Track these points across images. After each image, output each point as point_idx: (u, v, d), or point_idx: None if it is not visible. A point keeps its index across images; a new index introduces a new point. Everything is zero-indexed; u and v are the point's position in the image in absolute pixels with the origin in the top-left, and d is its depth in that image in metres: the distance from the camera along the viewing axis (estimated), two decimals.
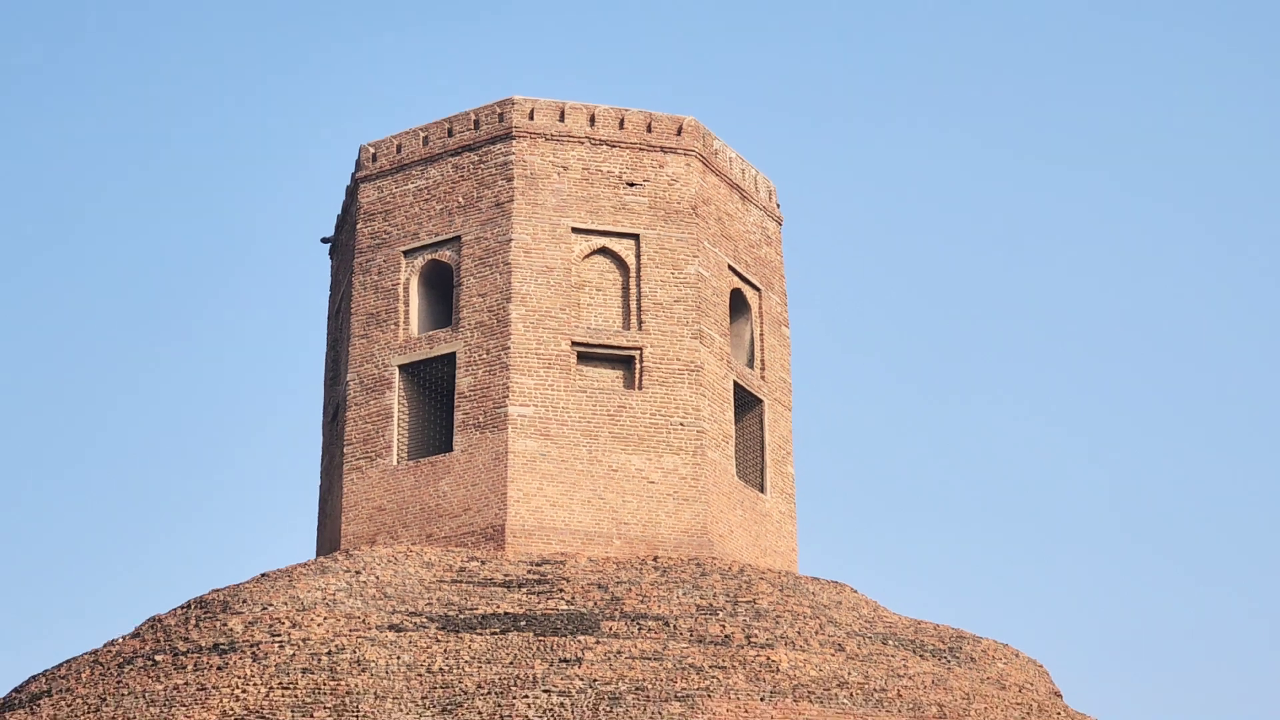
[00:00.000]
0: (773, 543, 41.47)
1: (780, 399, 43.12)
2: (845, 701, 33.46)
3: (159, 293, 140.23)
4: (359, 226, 42.30)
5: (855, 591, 39.36)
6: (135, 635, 38.13)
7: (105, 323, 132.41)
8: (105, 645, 38.32)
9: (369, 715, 31.28)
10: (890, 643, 36.94)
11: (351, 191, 43.11)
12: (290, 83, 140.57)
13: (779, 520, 41.90)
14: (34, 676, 38.99)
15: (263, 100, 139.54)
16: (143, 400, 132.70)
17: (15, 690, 38.87)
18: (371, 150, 43.12)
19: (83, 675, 36.86)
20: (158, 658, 35.90)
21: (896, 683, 34.73)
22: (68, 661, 38.56)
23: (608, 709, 30.90)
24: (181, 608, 38.50)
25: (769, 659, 33.78)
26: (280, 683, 32.52)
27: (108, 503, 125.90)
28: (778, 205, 44.75)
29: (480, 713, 30.97)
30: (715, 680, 32.31)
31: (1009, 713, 36.01)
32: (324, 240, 45.30)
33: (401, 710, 31.50)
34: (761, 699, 32.02)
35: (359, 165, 43.08)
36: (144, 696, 33.99)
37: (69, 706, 35.47)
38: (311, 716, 31.18)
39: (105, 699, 34.79)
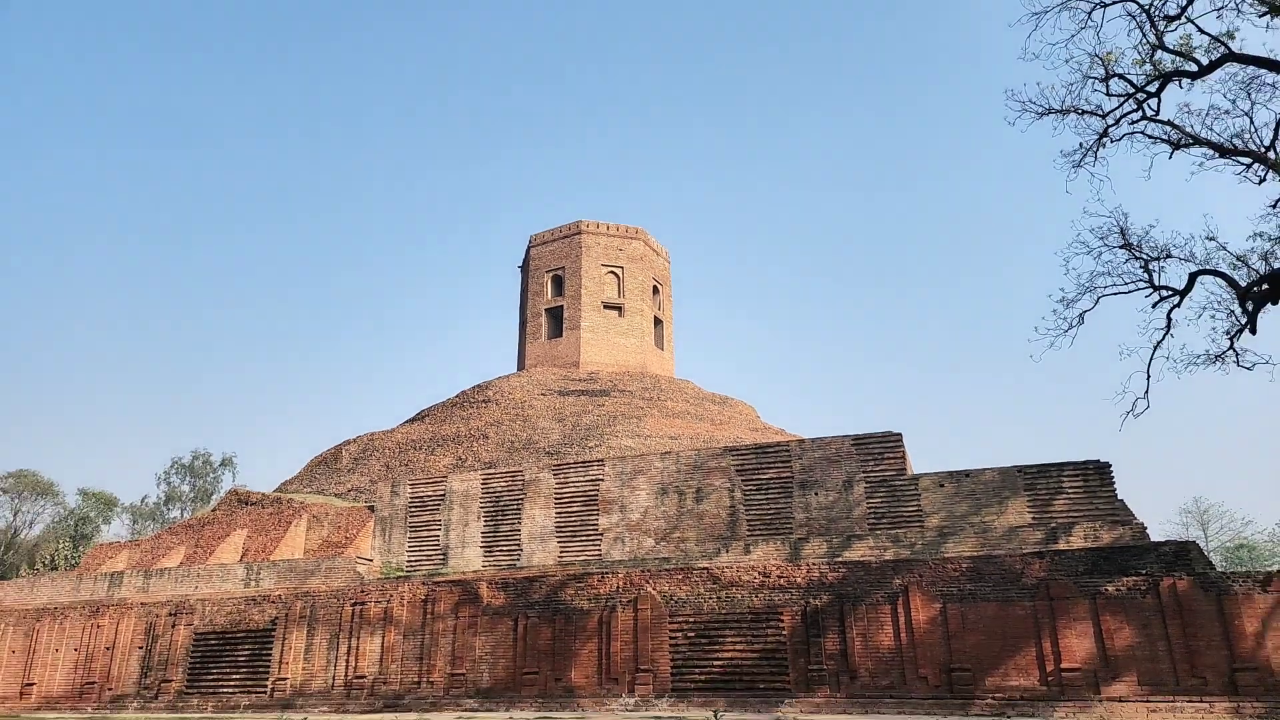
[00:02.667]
0: (666, 367, 43.06)
1: (668, 319, 44.45)
2: (690, 419, 33.77)
3: (462, 282, 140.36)
4: (530, 262, 43.73)
5: (693, 383, 40.12)
6: (456, 396, 38.62)
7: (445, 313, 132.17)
8: (444, 400, 39.02)
9: (533, 420, 32.59)
10: (704, 401, 36.83)
11: (527, 250, 44.29)
12: (493, 197, 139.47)
13: (667, 359, 43.60)
14: (418, 411, 39.35)
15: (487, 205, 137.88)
16: (461, 328, 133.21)
17: (415, 414, 39.02)
18: (534, 236, 44.02)
19: (436, 410, 37.75)
20: (465, 404, 36.88)
21: (706, 412, 35.04)
22: (431, 406, 38.77)
23: (611, 421, 31.68)
24: (472, 388, 38.97)
25: (667, 404, 35.05)
26: (504, 412, 34.09)
27: (453, 363, 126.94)
28: (669, 256, 45.74)
29: (570, 422, 32.12)
30: (647, 412, 33.37)
31: (741, 422, 35.32)
32: (519, 266, 45.65)
33: (544, 420, 32.90)
34: (663, 419, 32.96)
35: (531, 241, 44.05)
36: (459, 417, 35.26)
37: (433, 419, 36.18)
38: (515, 423, 32.81)
39: (445, 419, 36.12)
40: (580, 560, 21.85)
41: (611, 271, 40.96)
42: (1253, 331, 14.82)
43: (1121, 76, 14.93)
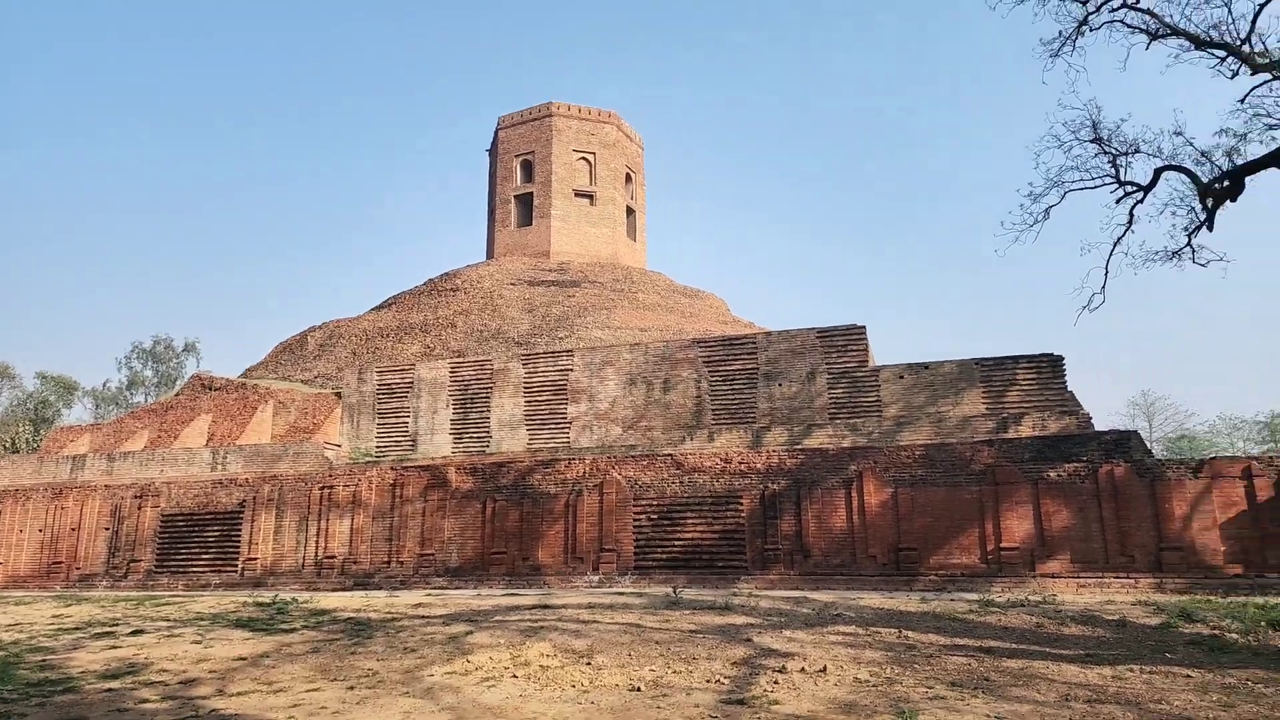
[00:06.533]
0: (637, 259, 42.46)
1: (641, 210, 43.56)
2: (661, 311, 33.64)
3: (430, 169, 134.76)
4: (499, 145, 42.13)
5: (665, 276, 39.65)
6: (424, 285, 37.87)
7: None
8: (411, 288, 38.17)
9: (502, 310, 32.17)
10: (674, 294, 36.98)
11: (496, 133, 42.55)
12: (465, 82, 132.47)
13: (639, 250, 43.01)
14: (385, 299, 38.61)
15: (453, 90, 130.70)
16: (429, 216, 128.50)
17: (381, 302, 38.34)
18: (503, 118, 42.19)
19: (403, 298, 37.03)
20: (433, 293, 35.97)
21: (676, 305, 35.09)
22: (398, 294, 38.15)
23: (581, 312, 31.47)
24: (440, 276, 38.14)
25: (638, 295, 34.86)
26: (472, 301, 33.73)
27: (420, 250, 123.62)
28: (642, 144, 44.38)
29: (540, 312, 31.65)
30: (617, 304, 32.98)
31: (711, 315, 35.47)
32: (487, 150, 43.87)
33: (513, 310, 32.61)
34: (634, 310, 32.73)
35: (499, 123, 42.24)
36: (427, 305, 34.67)
37: (400, 307, 35.56)
38: (484, 312, 32.21)
39: (412, 307, 34.83)
40: (549, 447, 22.01)
41: (583, 157, 39.48)
42: (1210, 229, 14.92)
43: None
